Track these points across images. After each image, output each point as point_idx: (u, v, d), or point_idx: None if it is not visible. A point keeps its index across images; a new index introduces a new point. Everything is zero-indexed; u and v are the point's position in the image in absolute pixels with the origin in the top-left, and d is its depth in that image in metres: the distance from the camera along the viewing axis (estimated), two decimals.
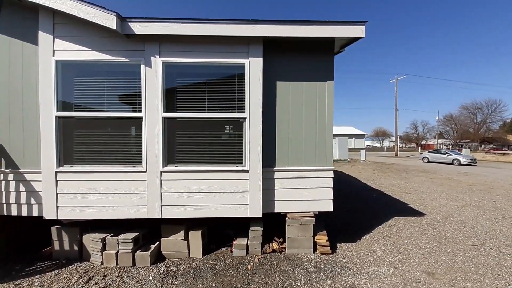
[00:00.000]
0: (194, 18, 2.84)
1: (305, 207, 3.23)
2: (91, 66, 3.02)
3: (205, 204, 3.06)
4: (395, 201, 6.21)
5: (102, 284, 2.63)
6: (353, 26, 2.90)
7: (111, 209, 3.02)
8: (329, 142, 3.23)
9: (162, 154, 2.99)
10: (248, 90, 3.02)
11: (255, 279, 2.69)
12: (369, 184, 8.72)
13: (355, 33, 2.92)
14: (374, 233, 4.03)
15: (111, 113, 3.00)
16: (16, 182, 3.06)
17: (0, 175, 3.06)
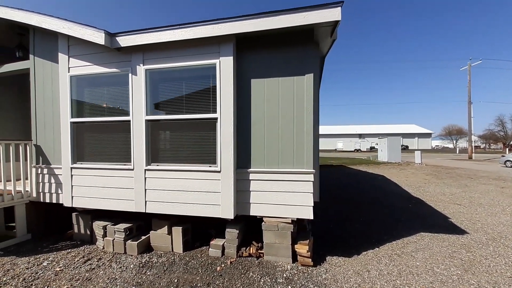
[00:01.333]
0: (170, 25, 3.00)
1: (281, 212, 3.00)
2: (94, 78, 3.52)
3: (182, 202, 3.18)
4: (433, 214, 5.12)
5: (94, 266, 3.04)
6: (326, 10, 2.56)
7: (108, 201, 3.47)
8: (309, 143, 2.92)
9: (145, 154, 3.26)
10: (219, 90, 3.01)
11: (217, 281, 2.65)
12: (411, 191, 7.42)
13: (330, 17, 2.57)
14: (380, 249, 3.43)
15: (108, 117, 3.45)
16: (48, 176, 3.83)
17: (38, 169, 3.88)
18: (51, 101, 3.76)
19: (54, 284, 2.66)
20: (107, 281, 2.71)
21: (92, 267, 3.01)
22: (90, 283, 2.67)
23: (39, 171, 3.88)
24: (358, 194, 7.01)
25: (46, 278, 2.76)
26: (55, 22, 3.37)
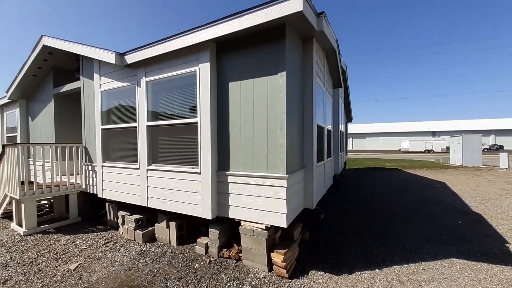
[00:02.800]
0: (159, 40, 3.33)
1: (257, 217, 2.92)
2: (115, 92, 4.22)
3: (173, 200, 3.48)
4: (488, 236, 3.93)
5: (108, 248, 3.67)
6: (284, 3, 2.35)
7: (123, 194, 4.10)
8: (282, 146, 2.73)
9: (147, 155, 3.71)
10: (199, 95, 3.15)
11: (188, 277, 2.81)
12: (472, 204, 5.84)
13: (292, 9, 2.35)
14: (381, 272, 2.90)
15: (123, 124, 4.07)
16: (91, 171, 4.80)
17: (85, 166, 4.91)
18: (93, 111, 4.69)
19: (75, 258, 3.35)
20: (109, 262, 3.24)
21: (106, 249, 3.64)
22: (98, 262, 3.25)
23: (86, 167, 4.91)
24: (393, 203, 6.00)
25: (71, 254, 3.50)
26: (86, 49, 4.22)
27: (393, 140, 42.40)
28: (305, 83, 3.47)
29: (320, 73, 4.12)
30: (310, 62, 3.43)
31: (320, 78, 4.14)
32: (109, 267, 3.10)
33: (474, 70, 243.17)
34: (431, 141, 34.51)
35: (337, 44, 4.42)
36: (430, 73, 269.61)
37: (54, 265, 3.20)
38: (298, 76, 3.26)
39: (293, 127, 3.01)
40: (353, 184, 9.11)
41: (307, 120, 3.48)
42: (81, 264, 3.21)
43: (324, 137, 4.44)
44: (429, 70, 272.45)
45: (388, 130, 44.72)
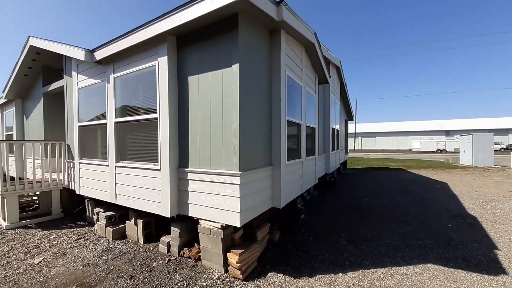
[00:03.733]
0: (124, 33, 3.27)
1: (213, 216, 2.81)
2: (90, 89, 4.23)
3: (137, 197, 3.44)
4: (477, 241, 3.61)
5: (78, 244, 3.68)
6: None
7: (96, 191, 4.11)
8: (235, 142, 2.61)
9: (115, 152, 3.69)
10: (158, 90, 3.08)
11: (141, 276, 2.74)
12: (470, 207, 5.44)
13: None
14: (344, 276, 2.72)
15: (97, 121, 4.07)
16: (72, 168, 4.86)
17: (67, 164, 4.98)
18: (72, 109, 4.75)
19: (43, 253, 3.38)
20: (73, 258, 3.24)
21: (75, 245, 3.65)
22: (62, 257, 3.25)
23: (68, 164, 4.98)
24: (385, 205, 5.70)
25: (41, 248, 3.53)
26: (61, 47, 4.26)
27: (404, 139, 40.89)
28: (273, 77, 3.32)
29: (295, 67, 3.95)
30: (277, 54, 3.28)
31: (296, 73, 3.97)
32: (71, 263, 3.09)
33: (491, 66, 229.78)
34: (444, 140, 32.91)
35: (316, 37, 4.23)
36: (440, 70, 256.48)
37: (22, 258, 3.24)
38: (264, 69, 3.12)
39: (254, 123, 2.88)
40: (350, 184, 8.80)
41: (275, 116, 3.33)
42: (45, 259, 3.22)
43: (302, 134, 4.25)
44: (439, 67, 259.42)
45: (399, 129, 43.19)
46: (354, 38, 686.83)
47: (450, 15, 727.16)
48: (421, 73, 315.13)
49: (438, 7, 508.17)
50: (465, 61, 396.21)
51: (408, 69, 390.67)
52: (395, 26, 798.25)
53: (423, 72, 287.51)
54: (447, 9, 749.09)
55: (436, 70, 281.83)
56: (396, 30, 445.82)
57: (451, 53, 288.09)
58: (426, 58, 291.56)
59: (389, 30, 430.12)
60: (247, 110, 2.75)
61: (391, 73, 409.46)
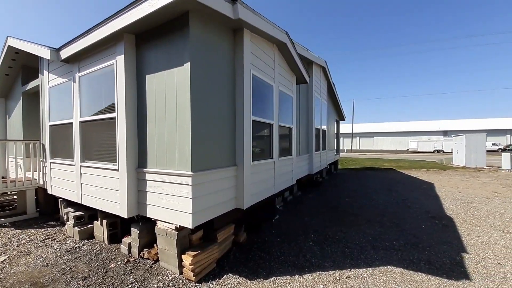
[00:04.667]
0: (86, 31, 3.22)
1: (169, 217, 2.77)
2: (59, 88, 4.19)
3: (99, 197, 3.41)
4: (446, 243, 3.57)
5: (44, 244, 3.65)
6: None
7: (64, 191, 4.09)
8: (187, 142, 2.57)
9: (80, 151, 3.66)
10: (116, 89, 3.05)
11: (94, 277, 2.71)
12: (449, 207, 5.38)
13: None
14: (300, 278, 2.68)
15: (65, 120, 4.04)
16: (46, 168, 4.83)
17: (41, 163, 4.95)
18: (44, 109, 4.71)
19: (10, 252, 3.36)
20: (36, 257, 3.21)
21: (41, 245, 3.62)
22: (26, 257, 3.23)
23: (43, 164, 4.95)
24: (363, 205, 5.65)
25: (9, 247, 3.51)
26: (32, 46, 4.24)
27: (402, 140, 40.77)
28: (237, 76, 3.28)
29: (265, 67, 3.91)
30: (240, 53, 3.24)
31: (266, 72, 3.93)
32: (32, 263, 3.06)
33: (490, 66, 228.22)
34: (441, 140, 32.77)
35: (288, 36, 4.19)
36: (437, 70, 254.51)
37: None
38: (226, 68, 3.10)
39: (212, 123, 2.85)
40: (336, 184, 8.76)
41: (239, 116, 3.29)
42: (10, 257, 3.20)
43: (274, 134, 4.22)
44: (435, 67, 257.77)
45: (396, 129, 43.06)
46: (351, 37, 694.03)
47: (448, 15, 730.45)
48: (419, 73, 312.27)
49: (435, 6, 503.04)
50: (464, 61, 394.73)
51: (405, 69, 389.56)
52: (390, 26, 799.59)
53: (421, 72, 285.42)
54: (443, 8, 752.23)
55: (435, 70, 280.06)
56: (392, 30, 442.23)
57: (450, 53, 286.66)
58: (424, 58, 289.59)
59: (384, 30, 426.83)
60: (203, 110, 2.72)
61: (388, 73, 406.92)
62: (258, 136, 3.80)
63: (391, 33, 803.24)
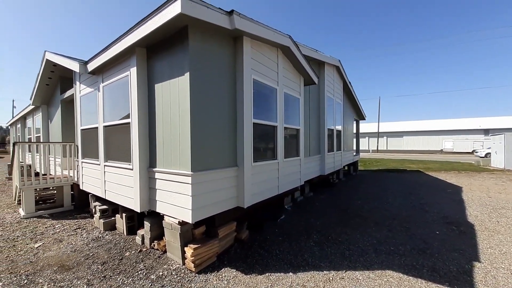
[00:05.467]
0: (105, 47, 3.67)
1: (174, 212, 3.06)
2: (88, 97, 4.77)
3: (119, 193, 3.83)
4: (458, 250, 3.37)
5: (75, 233, 4.21)
6: (169, 7, 2.43)
7: (92, 187, 4.64)
8: (187, 144, 2.82)
9: (103, 152, 4.14)
10: (130, 97, 3.42)
11: (111, 263, 3.09)
12: (473, 213, 4.96)
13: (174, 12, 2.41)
14: (294, 276, 2.78)
15: (91, 125, 4.58)
16: (79, 167, 5.51)
17: (75, 162, 5.65)
18: (76, 115, 5.38)
19: (45, 239, 3.93)
20: (66, 244, 3.73)
21: (72, 234, 4.18)
22: (58, 243, 3.77)
23: (77, 163, 5.64)
24: (375, 208, 5.47)
25: (45, 235, 4.11)
26: (65, 60, 4.87)
27: (436, 139, 37.56)
28: (238, 82, 3.47)
29: (267, 71, 4.05)
30: (240, 59, 3.42)
31: (268, 76, 4.07)
32: (63, 249, 3.58)
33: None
34: (481, 140, 29.55)
35: (291, 39, 4.27)
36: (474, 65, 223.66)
37: (26, 243, 3.81)
38: (227, 75, 3.32)
39: (213, 126, 3.08)
40: (352, 186, 8.52)
41: (240, 119, 3.48)
42: (44, 244, 3.76)
43: (277, 136, 4.33)
44: (479, 60, 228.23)
45: (429, 128, 39.77)
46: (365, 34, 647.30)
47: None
48: (453, 69, 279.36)
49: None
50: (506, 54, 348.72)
51: (440, 63, 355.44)
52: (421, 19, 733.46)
53: (459, 66, 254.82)
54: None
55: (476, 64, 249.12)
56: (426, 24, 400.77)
57: (491, 44, 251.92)
58: (462, 49, 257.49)
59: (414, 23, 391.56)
60: (203, 115, 2.95)
61: (418, 69, 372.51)
62: (260, 137, 3.94)
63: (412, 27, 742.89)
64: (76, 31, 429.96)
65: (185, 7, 2.38)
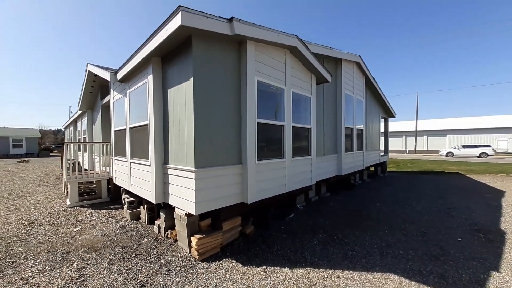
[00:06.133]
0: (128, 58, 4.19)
1: (182, 204, 3.37)
2: (119, 102, 5.43)
3: (140, 187, 4.32)
4: (474, 258, 3.07)
5: (107, 220, 4.86)
6: (173, 20, 2.72)
7: (123, 182, 5.27)
8: (191, 143, 3.09)
9: (129, 151, 4.70)
10: (148, 102, 3.85)
11: (130, 247, 3.54)
12: (508, 222, 4.40)
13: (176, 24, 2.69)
14: (289, 270, 2.87)
15: (121, 127, 5.21)
16: (114, 163, 6.28)
17: (111, 160, 6.45)
18: (110, 118, 6.13)
19: (83, 225, 4.62)
20: (99, 230, 4.34)
21: (105, 221, 4.83)
22: (93, 229, 4.40)
23: (112, 161, 6.44)
24: (393, 211, 5.16)
25: (84, 221, 4.82)
26: (100, 71, 5.60)
27: (487, 138, 32.95)
28: (242, 83, 3.66)
29: (274, 72, 4.15)
30: (244, 62, 3.60)
31: (275, 77, 4.17)
32: (95, 233, 4.18)
33: None
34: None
35: (298, 39, 4.32)
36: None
37: (67, 227, 4.53)
38: (232, 78, 3.53)
39: (217, 127, 3.33)
40: (375, 187, 8.09)
41: (244, 120, 3.66)
42: (81, 229, 4.43)
43: (285, 135, 4.40)
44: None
45: (478, 125, 35.02)
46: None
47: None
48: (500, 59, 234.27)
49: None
50: None
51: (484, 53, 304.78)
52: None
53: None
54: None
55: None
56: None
57: None
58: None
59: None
60: (206, 116, 3.21)
61: (460, 60, 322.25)
62: (266, 137, 4.07)
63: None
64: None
65: (185, 19, 2.65)
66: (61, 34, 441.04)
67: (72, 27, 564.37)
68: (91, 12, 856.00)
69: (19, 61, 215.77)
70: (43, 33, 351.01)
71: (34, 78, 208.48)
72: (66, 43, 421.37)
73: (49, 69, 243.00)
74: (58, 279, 2.75)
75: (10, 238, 3.91)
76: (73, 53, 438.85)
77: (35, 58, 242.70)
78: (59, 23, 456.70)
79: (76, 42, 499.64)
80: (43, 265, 3.05)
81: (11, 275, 2.83)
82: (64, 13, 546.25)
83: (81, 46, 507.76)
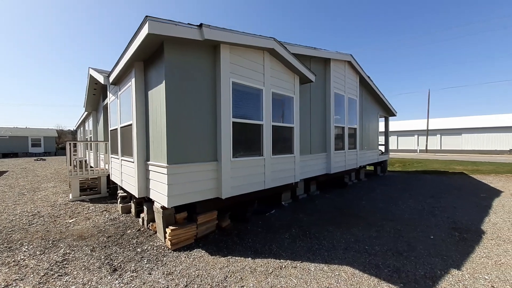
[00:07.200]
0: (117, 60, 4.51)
1: (158, 198, 3.63)
2: (113, 103, 5.79)
3: (127, 182, 4.64)
4: (440, 255, 3.11)
5: (100, 214, 5.23)
6: (143, 29, 2.97)
7: (117, 178, 5.63)
8: (164, 142, 3.34)
9: (120, 149, 5.04)
10: (131, 103, 4.14)
11: (113, 237, 3.84)
12: (491, 221, 4.26)
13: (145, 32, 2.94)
14: (251, 260, 3.04)
15: (114, 127, 5.57)
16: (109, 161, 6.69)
17: (108, 157, 6.86)
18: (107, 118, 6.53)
19: (79, 216, 5.01)
20: (91, 222, 4.71)
21: (99, 214, 5.20)
22: (86, 221, 4.77)
23: (110, 158, 6.85)
24: (377, 210, 5.18)
25: (80, 214, 5.21)
26: (97, 74, 5.99)
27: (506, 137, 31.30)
28: (217, 85, 3.87)
29: (251, 73, 4.32)
30: (218, 65, 3.81)
31: (252, 78, 4.34)
32: (87, 225, 4.54)
33: None
34: None
35: (275, 41, 4.47)
36: None
37: (65, 219, 4.93)
38: (207, 80, 3.74)
39: (191, 126, 3.55)
40: (369, 187, 8.06)
41: (219, 119, 3.87)
42: (76, 220, 4.81)
43: (263, 134, 4.56)
44: None
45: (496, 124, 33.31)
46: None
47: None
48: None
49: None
50: None
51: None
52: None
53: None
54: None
55: None
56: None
57: None
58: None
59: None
60: (179, 116, 3.44)
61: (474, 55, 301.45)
62: (243, 135, 4.25)
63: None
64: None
65: (152, 28, 2.90)
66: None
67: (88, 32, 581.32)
68: (104, 13, 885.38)
69: (37, 63, 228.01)
70: (63, 41, 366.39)
71: (54, 80, 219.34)
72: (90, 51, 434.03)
73: (65, 72, 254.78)
74: (45, 262, 3.08)
75: (12, 228, 4.34)
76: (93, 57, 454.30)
77: (49, 59, 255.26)
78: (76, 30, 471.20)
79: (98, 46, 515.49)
80: (34, 250, 3.41)
81: (5, 258, 3.20)
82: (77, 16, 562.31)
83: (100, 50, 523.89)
